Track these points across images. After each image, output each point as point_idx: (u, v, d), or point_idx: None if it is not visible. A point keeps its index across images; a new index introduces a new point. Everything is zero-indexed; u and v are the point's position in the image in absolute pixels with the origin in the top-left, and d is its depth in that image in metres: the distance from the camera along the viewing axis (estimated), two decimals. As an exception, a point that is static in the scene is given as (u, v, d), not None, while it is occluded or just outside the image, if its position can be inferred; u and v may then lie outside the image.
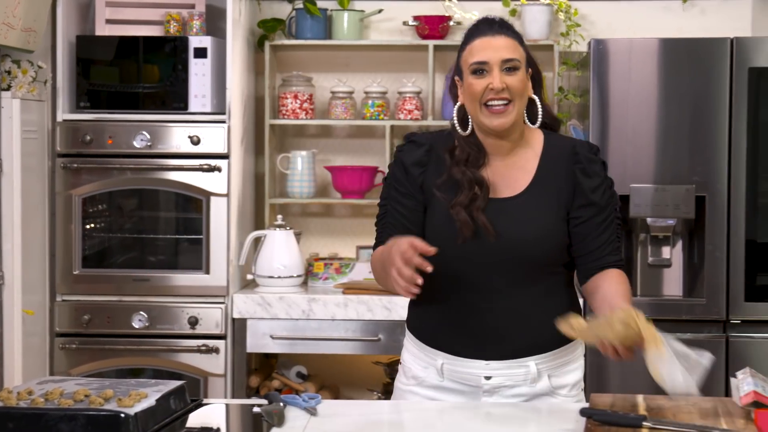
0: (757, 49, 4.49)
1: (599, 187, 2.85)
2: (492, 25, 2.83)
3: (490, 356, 2.84)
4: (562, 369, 2.89)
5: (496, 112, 2.78)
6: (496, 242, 2.78)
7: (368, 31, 5.31)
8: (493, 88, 2.76)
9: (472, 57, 2.79)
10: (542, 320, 2.82)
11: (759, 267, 4.51)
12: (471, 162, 2.82)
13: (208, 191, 4.74)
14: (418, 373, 2.94)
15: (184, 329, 4.73)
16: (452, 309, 2.86)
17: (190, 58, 4.75)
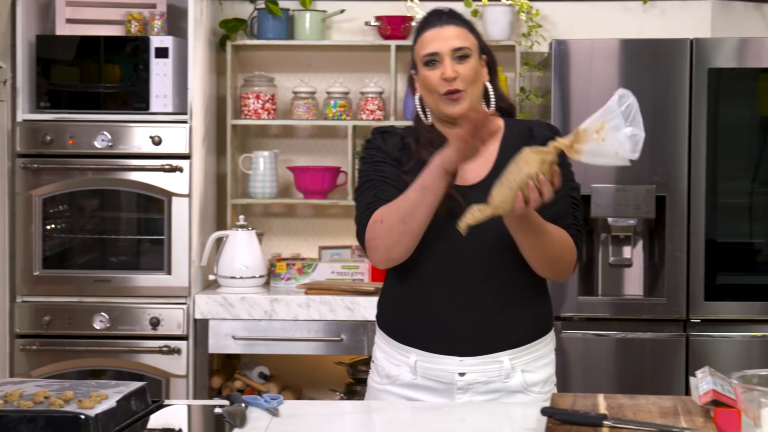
0: (717, 49, 4.53)
1: None
2: (440, 16, 2.87)
3: (465, 352, 2.84)
4: (534, 364, 2.90)
5: (452, 100, 2.82)
6: None
7: (330, 32, 5.31)
8: (445, 78, 2.80)
9: (423, 49, 2.85)
10: (515, 314, 2.85)
11: (719, 266, 4.54)
12: (435, 144, 2.83)
13: (169, 191, 4.72)
14: (390, 372, 2.93)
15: (145, 330, 4.71)
16: (425, 303, 2.86)
17: (152, 58, 4.73)
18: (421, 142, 2.88)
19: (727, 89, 4.52)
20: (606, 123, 2.53)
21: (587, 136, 2.54)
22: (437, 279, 2.84)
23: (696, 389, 2.62)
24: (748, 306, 4.55)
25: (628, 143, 2.53)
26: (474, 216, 2.58)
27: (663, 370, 4.50)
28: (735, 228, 4.63)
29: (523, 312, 2.85)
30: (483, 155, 2.79)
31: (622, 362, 4.54)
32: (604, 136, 2.53)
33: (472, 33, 2.87)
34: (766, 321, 4.55)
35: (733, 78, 4.55)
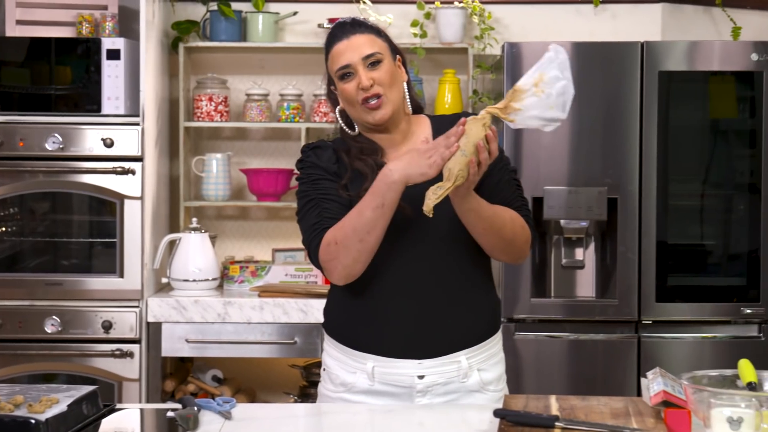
0: (667, 53, 4.56)
1: None
2: (344, 27, 2.87)
3: (423, 354, 2.84)
4: (488, 362, 2.91)
5: (373, 107, 2.81)
6: (415, 225, 2.77)
7: (283, 34, 5.30)
8: (362, 87, 2.79)
9: (335, 64, 2.84)
10: (469, 311, 2.87)
11: (670, 268, 4.58)
12: (367, 152, 2.85)
13: (121, 194, 4.69)
14: (346, 379, 2.90)
15: (97, 333, 4.68)
16: (379, 309, 2.85)
17: (103, 59, 4.70)
18: (352, 153, 2.88)
19: (678, 92, 4.56)
20: (544, 75, 2.56)
21: (524, 91, 2.57)
22: (389, 283, 2.83)
23: (647, 390, 2.64)
24: (698, 307, 4.58)
25: (562, 98, 2.57)
26: (436, 194, 2.61)
27: (615, 371, 4.53)
28: (686, 230, 4.67)
29: (477, 310, 2.88)
30: None
31: (575, 364, 4.56)
32: (543, 87, 2.59)
33: (380, 37, 2.87)
34: (716, 322, 4.58)
35: (684, 81, 4.58)
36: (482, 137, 2.62)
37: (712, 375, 2.59)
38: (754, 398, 2.34)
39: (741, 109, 4.66)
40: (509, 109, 2.61)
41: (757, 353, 4.50)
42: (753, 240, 4.59)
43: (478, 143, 2.61)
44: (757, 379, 2.57)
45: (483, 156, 2.62)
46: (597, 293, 4.68)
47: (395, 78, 2.85)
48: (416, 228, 2.79)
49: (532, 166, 4.54)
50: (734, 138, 4.69)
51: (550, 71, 2.58)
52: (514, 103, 2.60)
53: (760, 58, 4.55)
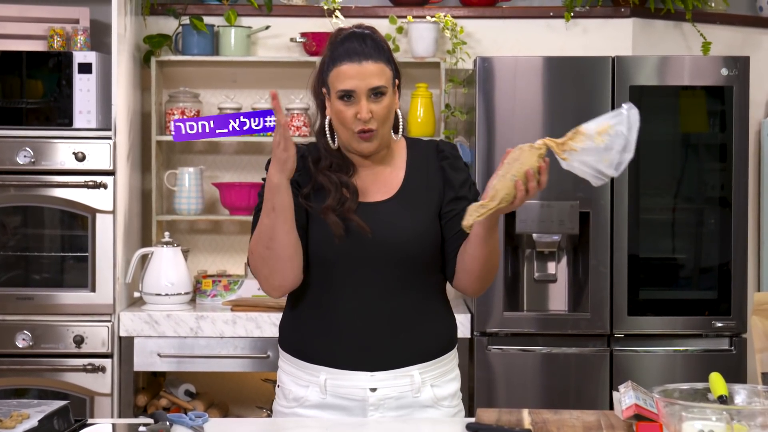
0: (638, 67, 4.59)
1: (466, 181, 2.93)
2: (360, 46, 2.81)
3: (375, 366, 2.85)
4: (442, 379, 2.92)
5: (364, 138, 2.82)
6: (372, 242, 2.81)
7: (255, 48, 5.30)
8: (361, 118, 2.79)
9: (340, 83, 2.81)
10: (424, 327, 2.89)
11: (641, 281, 4.59)
12: (335, 168, 2.87)
13: (93, 208, 4.68)
14: (298, 394, 2.92)
15: (69, 348, 4.66)
16: (333, 319, 2.86)
17: (75, 73, 4.69)
18: (320, 165, 2.89)
19: (649, 106, 4.58)
20: (611, 128, 2.57)
21: (586, 135, 2.57)
22: (344, 297, 2.85)
23: (619, 404, 2.65)
24: (670, 321, 4.60)
25: (618, 156, 2.57)
26: (478, 212, 2.64)
27: (587, 384, 4.54)
28: (657, 243, 4.69)
29: (431, 327, 2.91)
30: (391, 174, 2.89)
31: (547, 377, 4.57)
32: (605, 138, 2.58)
33: (389, 64, 2.85)
34: (687, 335, 4.60)
35: (655, 95, 4.61)
36: (534, 166, 2.64)
37: (683, 388, 2.60)
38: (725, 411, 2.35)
39: (711, 124, 4.68)
40: (566, 147, 2.62)
41: (728, 366, 4.52)
42: (724, 253, 4.62)
43: (528, 171, 2.63)
44: (728, 393, 2.58)
45: (531, 185, 2.65)
46: (569, 307, 4.69)
47: (391, 111, 2.86)
48: (374, 246, 2.82)
49: (504, 180, 4.54)
50: (705, 152, 4.71)
51: (618, 125, 2.58)
52: (573, 143, 2.61)
53: (729, 73, 4.58)
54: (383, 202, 2.88)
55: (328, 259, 2.84)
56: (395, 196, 2.89)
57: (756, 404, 2.60)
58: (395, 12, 5.21)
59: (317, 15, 5.22)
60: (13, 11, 4.93)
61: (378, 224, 2.82)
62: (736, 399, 2.61)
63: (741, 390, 2.63)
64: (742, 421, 2.39)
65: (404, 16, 5.16)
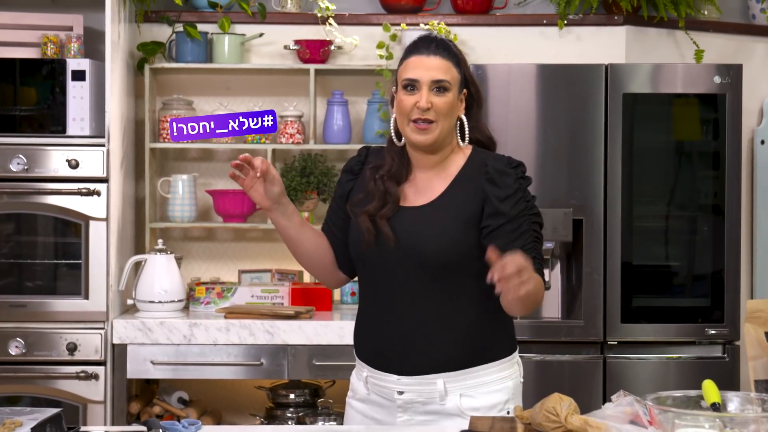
0: (631, 75, 4.59)
1: (510, 197, 2.87)
2: (429, 44, 2.91)
3: (401, 371, 2.92)
4: (476, 390, 2.92)
5: (420, 129, 2.88)
6: (397, 249, 2.89)
7: (249, 55, 5.30)
8: (419, 107, 2.86)
9: (405, 73, 2.90)
10: (449, 335, 2.89)
11: (635, 289, 4.59)
12: (393, 175, 2.95)
13: (87, 215, 4.67)
14: (354, 385, 3.06)
15: (62, 355, 4.65)
16: (375, 318, 2.97)
17: (68, 80, 4.69)
18: (379, 170, 2.96)
19: (642, 114, 4.59)
20: None
21: None
22: (381, 296, 2.94)
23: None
24: (663, 328, 4.60)
25: None
26: None
27: (581, 391, 4.53)
28: (651, 251, 4.69)
29: (458, 336, 2.89)
30: (441, 181, 2.93)
31: (541, 384, 4.56)
32: None
33: (457, 67, 2.91)
34: (681, 343, 4.61)
35: (648, 103, 4.61)
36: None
37: (676, 396, 2.60)
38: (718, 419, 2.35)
39: (704, 131, 4.69)
40: None
41: (721, 374, 4.53)
42: (717, 261, 4.62)
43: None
44: (721, 400, 2.58)
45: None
46: (563, 314, 4.70)
47: (453, 109, 2.91)
48: (399, 251, 2.88)
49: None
50: (698, 160, 4.72)
51: None
52: None
53: (722, 81, 4.59)
54: (419, 207, 2.93)
55: (363, 260, 2.96)
56: (432, 203, 2.93)
57: (749, 412, 2.59)
58: (389, 19, 5.21)
59: (311, 22, 5.22)
60: (6, 18, 4.93)
61: (406, 229, 2.90)
62: (729, 406, 2.61)
63: (734, 397, 2.62)
64: (735, 429, 2.38)
65: (398, 24, 5.17)
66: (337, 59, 5.27)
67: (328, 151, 5.15)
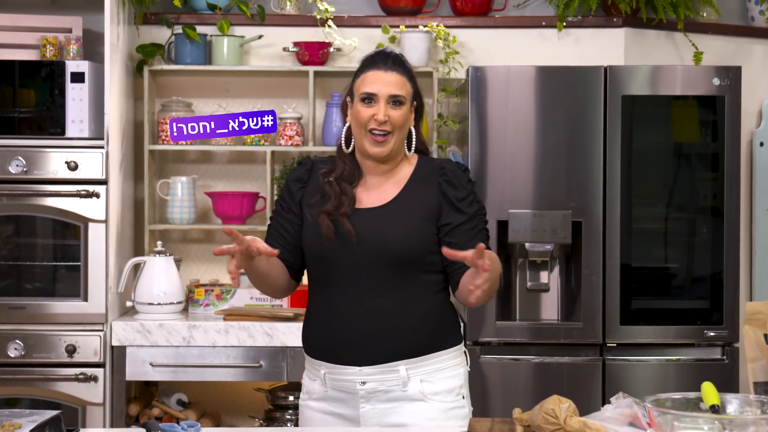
0: (630, 77, 4.59)
1: (466, 198, 3.10)
2: (387, 60, 3.11)
3: (362, 361, 3.03)
4: (434, 375, 3.07)
5: (377, 141, 3.06)
6: (358, 244, 3.03)
7: (248, 57, 5.30)
8: (377, 119, 3.04)
9: (363, 86, 3.08)
10: (410, 324, 3.04)
11: (634, 291, 4.59)
12: (344, 178, 3.11)
13: (86, 217, 4.67)
14: (309, 387, 3.15)
15: (61, 357, 4.65)
16: (327, 316, 3.08)
17: (67, 82, 4.69)
18: (332, 174, 3.11)
19: (641, 116, 4.59)
20: None
21: None
22: (335, 294, 3.06)
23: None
24: (662, 330, 4.60)
25: None
26: None
27: (580, 393, 4.53)
28: (650, 253, 4.69)
29: (419, 324, 3.05)
30: (394, 184, 3.11)
31: (540, 386, 4.56)
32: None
33: (410, 81, 3.12)
34: (680, 345, 4.60)
35: (647, 105, 4.61)
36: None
37: (675, 398, 2.60)
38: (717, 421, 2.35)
39: (703, 133, 4.69)
40: None
41: (720, 376, 4.53)
42: (716, 263, 4.62)
43: None
44: (720, 402, 2.58)
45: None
46: (562, 316, 4.69)
47: (407, 122, 3.11)
48: (360, 247, 3.03)
49: (497, 189, 4.55)
50: (697, 162, 4.72)
51: None
52: None
53: (721, 83, 4.59)
54: (375, 208, 3.09)
55: (321, 258, 3.07)
56: (389, 204, 3.09)
57: (748, 414, 2.60)
58: (388, 21, 5.21)
59: (310, 24, 5.22)
60: (5, 21, 4.93)
61: (366, 228, 3.05)
62: (728, 408, 2.61)
63: (733, 399, 2.63)
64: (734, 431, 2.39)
65: (397, 26, 5.17)
66: (336, 61, 5.27)
67: (327, 153, 5.14)
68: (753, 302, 3.01)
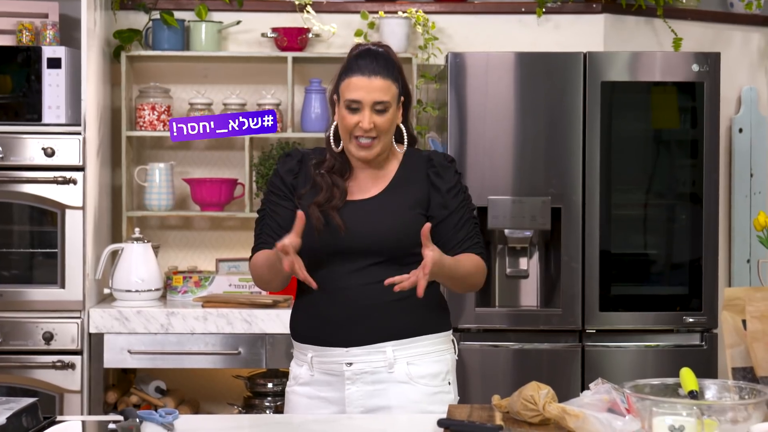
0: (609, 63, 4.60)
1: (452, 189, 3.15)
2: (371, 63, 3.08)
3: (349, 342, 3.06)
4: (421, 359, 3.10)
5: (363, 146, 3.08)
6: (348, 236, 3.06)
7: (226, 43, 5.29)
8: (362, 127, 3.05)
9: (348, 93, 3.07)
10: (399, 306, 3.06)
11: (613, 277, 4.61)
12: (335, 172, 3.13)
13: (63, 204, 4.66)
14: (295, 372, 3.18)
15: (38, 345, 4.64)
16: (319, 300, 3.09)
17: (44, 68, 4.67)
18: (322, 167, 3.14)
19: (620, 102, 4.60)
20: None
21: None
22: (325, 280, 3.06)
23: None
24: (641, 316, 4.62)
25: None
26: None
27: (559, 380, 4.55)
28: (629, 239, 4.70)
29: (407, 307, 3.07)
30: (383, 177, 3.16)
31: (519, 373, 4.58)
32: None
33: (396, 82, 3.09)
34: (659, 331, 4.62)
35: (626, 91, 4.62)
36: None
37: (654, 383, 2.62)
38: (695, 406, 2.36)
39: (682, 120, 4.70)
40: None
41: (699, 362, 4.55)
42: (695, 249, 4.64)
43: None
44: (699, 388, 2.60)
45: None
46: (541, 303, 4.71)
47: (393, 124, 3.11)
48: (349, 237, 3.06)
49: (476, 175, 4.56)
50: (676, 148, 4.73)
51: None
52: None
53: (700, 69, 4.60)
54: (365, 200, 3.12)
55: (312, 249, 3.04)
56: (379, 195, 3.13)
57: (726, 399, 2.61)
58: (367, 7, 5.21)
59: (288, 10, 5.21)
60: (-19, 6, 4.91)
61: (355, 220, 3.07)
62: (706, 394, 2.62)
63: (711, 385, 2.64)
64: (713, 416, 2.40)
65: (376, 12, 5.16)
66: (315, 47, 5.26)
67: (306, 140, 5.15)
68: (732, 288, 3.02)
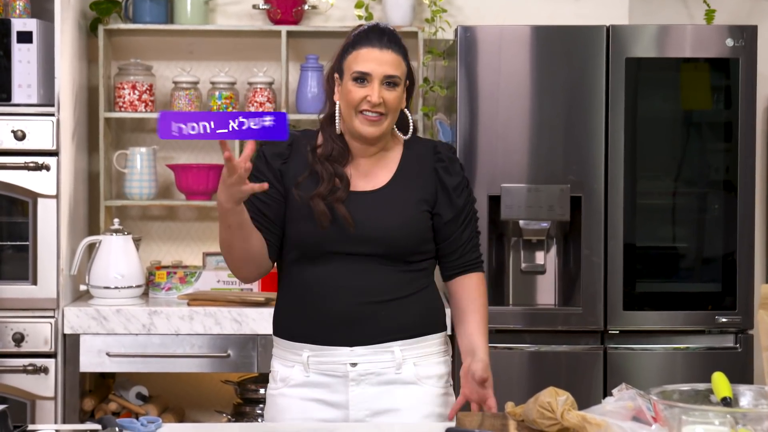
0: (635, 38, 4.59)
1: (459, 185, 3.21)
2: (382, 37, 3.12)
3: (355, 341, 3.08)
4: (428, 360, 3.15)
5: (370, 121, 3.09)
6: (355, 230, 3.08)
7: (214, 15, 5.29)
8: (370, 101, 3.07)
9: (356, 65, 3.10)
10: (406, 305, 3.12)
11: (638, 273, 4.61)
12: (334, 158, 3.14)
13: (34, 192, 4.66)
14: (284, 374, 3.15)
15: (8, 347, 4.65)
16: (316, 298, 3.11)
17: (13, 43, 4.67)
18: (320, 153, 3.13)
19: (647, 80, 4.59)
20: None
21: None
22: (326, 277, 3.10)
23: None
24: (669, 316, 4.62)
25: None
26: None
27: (579, 385, 4.55)
28: (656, 231, 4.70)
29: (413, 306, 3.14)
30: (385, 166, 3.18)
31: (535, 377, 4.58)
32: None
33: (405, 60, 3.15)
34: (689, 332, 4.62)
35: (653, 68, 4.62)
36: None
37: (683, 389, 2.61)
38: (729, 415, 2.36)
39: (715, 100, 4.70)
40: None
41: (733, 365, 4.55)
42: (728, 243, 4.63)
43: None
44: (733, 394, 2.59)
45: None
46: (559, 301, 4.71)
47: (401, 103, 3.15)
48: (356, 234, 3.08)
49: (488, 161, 4.56)
50: (708, 131, 4.73)
51: None
52: None
53: (735, 44, 4.60)
54: (371, 192, 3.14)
55: (313, 244, 3.10)
56: (383, 188, 3.15)
57: (763, 407, 2.60)
58: (368, -24, 5.20)
59: (282, -21, 5.21)
60: (-55, -26, 4.90)
61: (364, 214, 3.10)
62: (741, 401, 2.62)
63: (746, 391, 2.63)
64: (748, 425, 2.39)
65: (378, -19, 5.17)
66: (312, 20, 5.26)
67: (302, 121, 5.15)
68: (769, 285, 3.01)
